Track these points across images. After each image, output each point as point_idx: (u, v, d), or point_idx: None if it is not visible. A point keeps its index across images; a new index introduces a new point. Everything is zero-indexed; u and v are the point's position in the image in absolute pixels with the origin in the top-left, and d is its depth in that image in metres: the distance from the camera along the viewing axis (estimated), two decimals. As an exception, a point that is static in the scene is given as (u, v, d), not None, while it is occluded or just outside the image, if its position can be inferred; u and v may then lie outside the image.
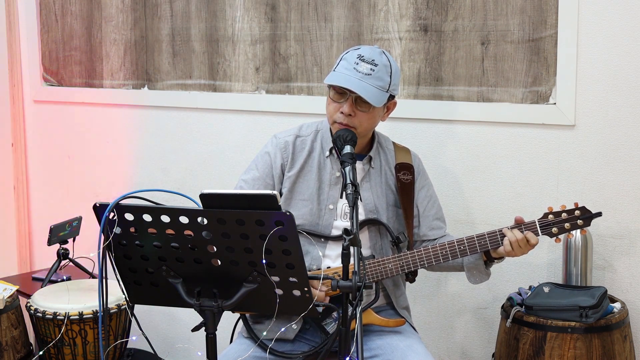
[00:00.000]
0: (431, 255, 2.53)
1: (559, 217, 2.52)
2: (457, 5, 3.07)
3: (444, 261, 2.53)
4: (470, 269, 2.61)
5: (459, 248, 2.52)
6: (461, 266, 2.64)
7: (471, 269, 2.61)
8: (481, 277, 2.62)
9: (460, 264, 2.63)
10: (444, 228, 2.73)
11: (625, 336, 2.73)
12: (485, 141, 3.10)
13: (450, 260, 2.53)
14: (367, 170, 2.64)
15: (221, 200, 1.90)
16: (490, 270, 2.61)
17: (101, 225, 1.98)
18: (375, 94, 2.46)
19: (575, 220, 2.51)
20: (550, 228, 2.51)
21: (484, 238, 2.51)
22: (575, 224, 2.51)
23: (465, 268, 2.63)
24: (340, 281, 1.99)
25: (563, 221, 2.51)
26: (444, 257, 2.53)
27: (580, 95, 2.92)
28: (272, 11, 3.43)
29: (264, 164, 2.66)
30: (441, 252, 2.53)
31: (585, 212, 2.52)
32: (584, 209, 2.52)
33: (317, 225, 2.61)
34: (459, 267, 2.65)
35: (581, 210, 2.52)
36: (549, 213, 2.53)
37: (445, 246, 2.52)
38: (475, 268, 2.60)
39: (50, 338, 3.09)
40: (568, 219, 2.51)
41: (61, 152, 4.07)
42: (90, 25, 3.88)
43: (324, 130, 2.66)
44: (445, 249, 2.52)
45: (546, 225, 2.51)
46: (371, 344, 2.56)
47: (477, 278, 2.62)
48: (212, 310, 2.01)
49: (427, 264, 2.53)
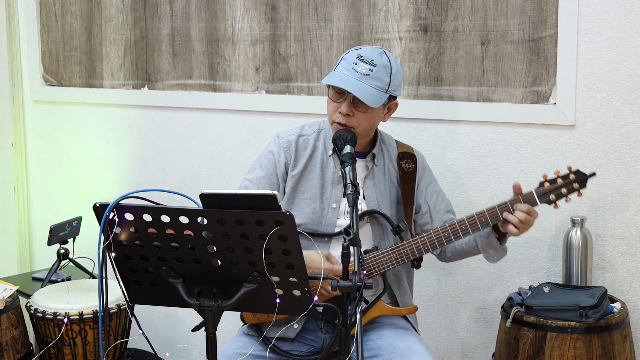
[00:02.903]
0: (434, 239, 2.54)
1: (555, 183, 2.54)
2: (457, 5, 3.07)
3: (447, 243, 2.54)
4: (485, 248, 2.63)
5: (461, 227, 2.53)
6: (476, 249, 2.65)
7: (486, 248, 2.62)
8: (499, 255, 2.64)
9: (475, 247, 2.64)
10: (454, 218, 2.74)
11: (625, 336, 2.73)
12: (486, 141, 3.10)
13: (453, 241, 2.54)
14: (370, 168, 2.65)
15: (221, 200, 1.90)
16: (505, 245, 2.62)
17: (101, 225, 1.98)
18: (372, 95, 2.46)
19: (571, 184, 2.54)
20: (547, 195, 2.54)
21: (484, 215, 2.53)
22: (571, 187, 2.54)
23: (480, 249, 2.64)
24: (340, 281, 1.99)
25: (559, 187, 2.54)
26: (447, 239, 2.54)
27: (580, 95, 2.92)
28: (272, 11, 3.43)
29: (268, 162, 2.65)
30: (443, 234, 2.54)
31: (579, 175, 2.55)
32: (577, 172, 2.55)
33: (321, 224, 2.61)
34: (475, 250, 2.66)
35: (575, 173, 2.55)
36: (544, 181, 2.55)
37: (446, 227, 2.54)
38: (489, 246, 2.61)
39: (50, 338, 3.09)
40: (564, 184, 2.54)
41: (61, 152, 4.07)
42: (90, 25, 3.88)
43: (327, 130, 2.66)
44: (447, 231, 2.53)
45: (543, 194, 2.53)
46: (371, 344, 2.57)
47: (494, 256, 2.64)
48: (212, 310, 2.01)
49: (431, 248, 2.54)
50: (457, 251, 2.69)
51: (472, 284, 3.18)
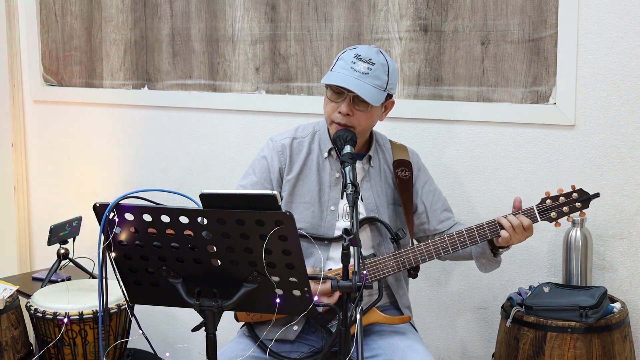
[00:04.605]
0: (432, 250, 2.53)
1: (557, 201, 2.51)
2: (457, 5, 3.07)
3: (444, 254, 2.54)
4: (479, 258, 2.62)
5: (459, 240, 2.52)
6: (470, 256, 2.65)
7: (479, 258, 2.62)
8: (491, 266, 2.63)
9: (469, 253, 2.64)
10: (452, 217, 2.74)
11: (625, 336, 2.73)
12: (485, 141, 3.10)
13: (450, 253, 2.54)
14: (367, 170, 2.64)
15: (221, 200, 1.90)
16: (500, 258, 2.61)
17: (101, 225, 1.98)
18: (372, 93, 2.46)
19: (574, 203, 2.51)
20: (548, 213, 2.51)
21: (483, 228, 2.51)
22: (573, 207, 2.51)
23: (474, 257, 2.64)
24: (340, 281, 1.99)
25: (561, 205, 2.51)
26: (445, 251, 2.53)
27: (580, 95, 2.92)
28: (272, 11, 3.43)
29: (261, 168, 2.65)
30: (442, 246, 2.53)
31: (582, 194, 2.51)
32: (581, 191, 2.52)
33: (320, 228, 2.60)
34: (468, 257, 2.66)
35: (579, 192, 2.52)
36: (546, 198, 2.52)
37: (445, 239, 2.53)
38: (483, 257, 2.60)
39: (50, 338, 3.09)
40: (566, 202, 2.51)
41: (61, 152, 4.07)
42: (90, 25, 3.88)
43: (322, 132, 2.66)
44: (445, 242, 2.52)
45: (544, 211, 2.51)
46: (372, 344, 2.56)
47: (487, 267, 2.63)
48: (212, 310, 2.01)
49: (429, 258, 2.53)
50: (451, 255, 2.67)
51: (472, 284, 3.18)
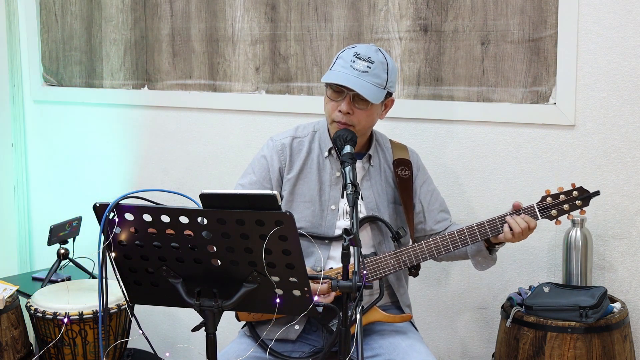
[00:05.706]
0: (432, 248, 2.53)
1: (557, 199, 2.52)
2: (457, 5, 3.07)
3: (445, 252, 2.54)
4: (475, 256, 2.62)
5: (460, 238, 2.52)
6: (466, 254, 2.65)
7: (475, 256, 2.62)
8: (487, 263, 2.63)
9: (465, 252, 2.64)
10: (449, 218, 2.74)
11: (625, 336, 2.73)
12: (485, 141, 3.10)
13: (452, 250, 2.54)
14: (367, 169, 2.65)
15: (221, 200, 1.90)
16: (495, 255, 2.62)
17: (101, 225, 1.98)
18: (372, 91, 2.47)
19: (574, 200, 2.51)
20: (549, 211, 2.52)
21: (484, 226, 2.52)
22: (574, 204, 2.51)
23: (469, 256, 2.64)
24: (340, 281, 1.99)
25: (561, 203, 2.51)
26: (446, 249, 2.53)
27: (580, 95, 2.92)
28: (272, 11, 3.43)
29: (261, 167, 2.65)
30: (442, 244, 2.53)
31: (583, 192, 2.52)
32: (581, 189, 2.52)
33: (320, 227, 2.61)
34: (464, 256, 2.66)
35: (579, 190, 2.52)
36: (546, 196, 2.53)
37: (445, 237, 2.53)
38: (479, 255, 2.61)
39: (50, 338, 3.09)
40: (566, 200, 2.51)
41: (61, 152, 4.07)
42: (90, 25, 3.88)
43: (322, 131, 2.66)
44: (446, 240, 2.53)
45: (545, 209, 2.52)
46: (373, 343, 2.56)
47: (483, 264, 2.63)
48: (212, 310, 2.01)
49: (429, 256, 2.54)
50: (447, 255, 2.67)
51: (472, 284, 3.18)
